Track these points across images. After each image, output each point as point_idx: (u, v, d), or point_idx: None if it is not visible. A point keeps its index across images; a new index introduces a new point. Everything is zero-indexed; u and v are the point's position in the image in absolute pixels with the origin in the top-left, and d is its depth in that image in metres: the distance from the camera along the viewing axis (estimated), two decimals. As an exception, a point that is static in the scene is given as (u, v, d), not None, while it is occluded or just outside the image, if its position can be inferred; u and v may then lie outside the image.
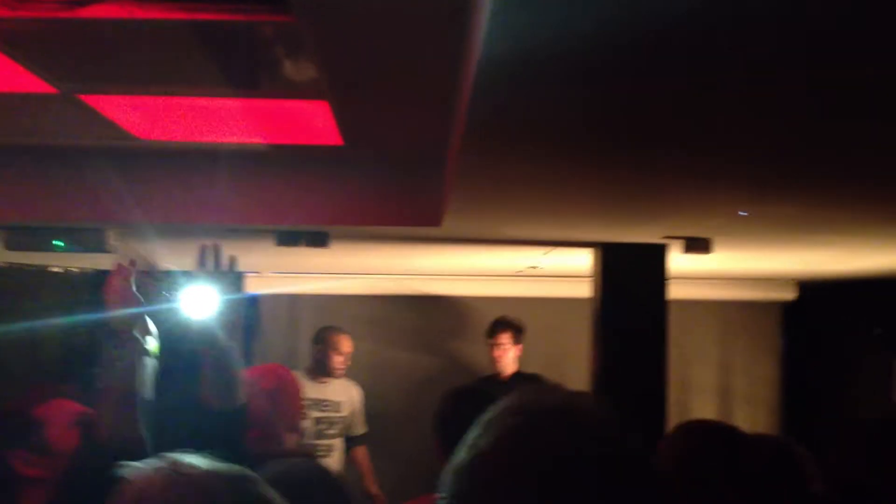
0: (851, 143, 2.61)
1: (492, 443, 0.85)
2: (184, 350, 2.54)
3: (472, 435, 0.87)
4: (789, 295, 6.72)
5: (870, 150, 2.71)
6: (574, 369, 5.78)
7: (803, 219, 3.86)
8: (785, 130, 2.47)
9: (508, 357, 5.39)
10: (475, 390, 3.40)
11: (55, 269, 5.88)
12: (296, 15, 2.13)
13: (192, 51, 2.44)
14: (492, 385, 5.34)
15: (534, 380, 5.39)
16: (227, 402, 2.26)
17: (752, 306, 6.71)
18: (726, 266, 5.57)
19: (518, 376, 5.40)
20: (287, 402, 3.32)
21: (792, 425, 6.63)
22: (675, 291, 6.16)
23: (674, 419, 6.66)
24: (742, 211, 3.51)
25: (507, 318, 5.49)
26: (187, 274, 2.56)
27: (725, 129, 2.47)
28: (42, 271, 5.78)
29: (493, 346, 5.41)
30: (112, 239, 3.95)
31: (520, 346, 5.44)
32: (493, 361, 5.42)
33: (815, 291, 6.71)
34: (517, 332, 5.43)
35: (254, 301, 6.27)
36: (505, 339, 5.38)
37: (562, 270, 5.57)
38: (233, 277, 2.81)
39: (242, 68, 2.66)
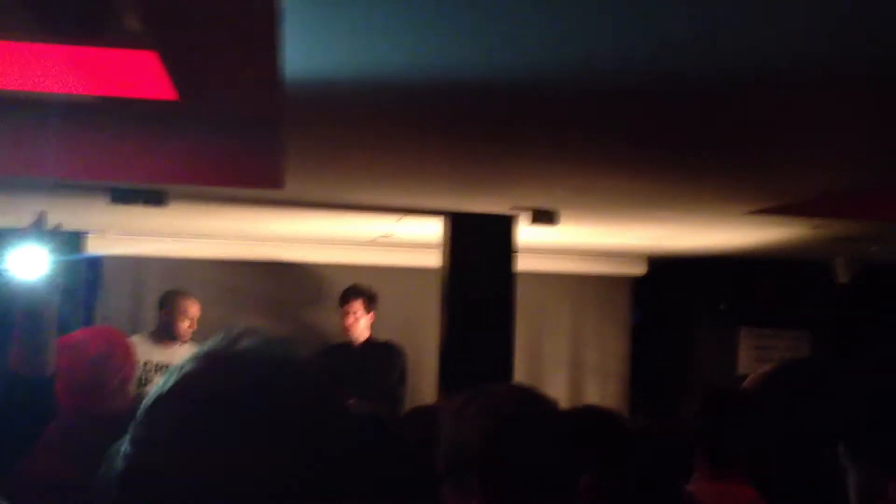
0: (693, 121, 2.66)
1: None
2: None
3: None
4: (640, 270, 6.90)
5: (711, 130, 2.78)
6: (424, 338, 5.79)
7: (647, 194, 3.95)
8: (629, 107, 2.49)
9: (360, 325, 5.36)
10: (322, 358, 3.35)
11: None
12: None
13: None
14: (343, 352, 5.32)
15: (386, 346, 5.40)
16: (35, 369, 2.13)
17: (603, 280, 6.87)
18: (578, 240, 5.69)
19: (370, 343, 5.39)
20: (114, 367, 3.17)
21: (640, 397, 6.85)
22: (529, 264, 6.26)
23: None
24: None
25: (358, 286, 5.45)
26: (12, 233, 2.38)
27: (570, 103, 2.47)
28: None
29: (344, 313, 5.37)
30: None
31: (372, 314, 5.41)
32: (345, 329, 5.38)
33: (664, 268, 6.93)
34: (369, 299, 5.39)
35: (95, 263, 6.00)
36: (357, 306, 5.34)
37: (415, 240, 5.55)
38: (63, 238, 2.62)
39: (66, 13, 2.50)
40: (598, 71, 2.15)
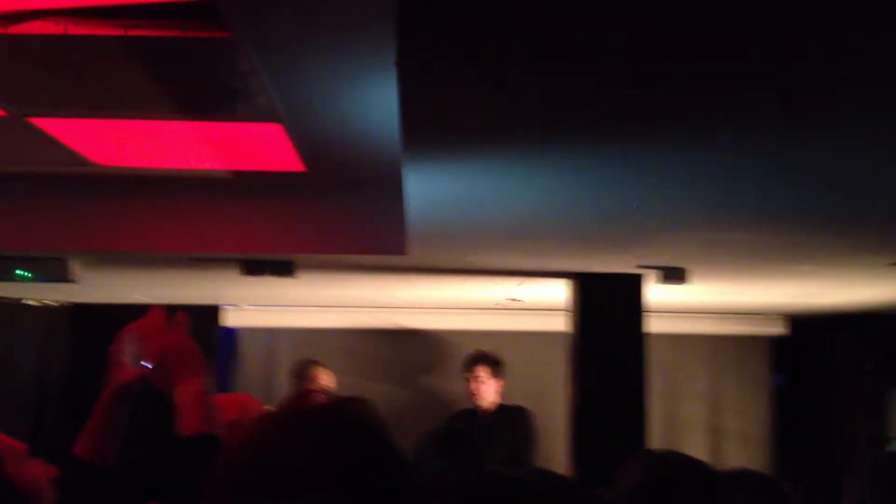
0: (830, 173, 2.54)
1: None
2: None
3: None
4: (780, 329, 6.62)
5: (852, 181, 2.64)
6: (555, 403, 5.67)
7: (781, 248, 3.78)
8: (759, 158, 2.40)
9: (486, 390, 5.30)
10: (449, 430, 3.36)
11: (30, 302, 5.80)
12: (232, 30, 2.09)
13: (139, 72, 2.39)
14: (470, 417, 5.28)
15: (515, 411, 5.31)
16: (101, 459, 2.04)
17: (741, 341, 6.62)
18: (712, 299, 5.49)
19: (502, 409, 5.32)
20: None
21: (784, 463, 6.51)
22: (663, 325, 6.09)
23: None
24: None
25: (483, 352, 5.41)
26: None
27: (694, 157, 2.40)
28: (16, 304, 5.70)
29: (469, 379, 5.34)
30: (76, 268, 3.87)
31: (499, 380, 5.35)
32: (471, 395, 5.33)
33: (804, 326, 6.61)
34: (494, 365, 5.35)
35: (230, 334, 6.19)
36: (480, 371, 5.31)
37: (542, 303, 5.48)
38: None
39: (194, 91, 2.61)
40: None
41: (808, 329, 6.58)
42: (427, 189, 2.87)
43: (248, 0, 1.85)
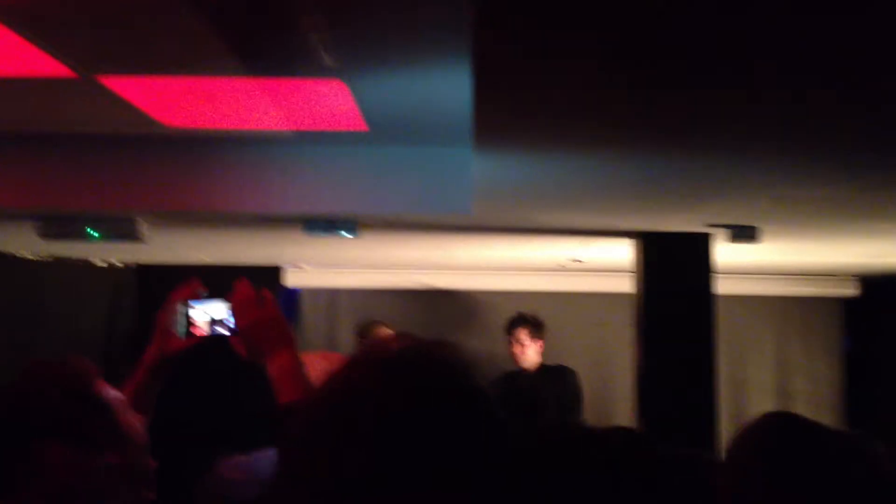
0: None
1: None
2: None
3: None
4: (851, 291, 6.45)
5: None
6: (619, 366, 5.62)
7: (857, 203, 3.65)
8: (827, 106, 2.30)
9: (528, 352, 5.37)
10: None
11: (99, 263, 5.91)
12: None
13: (204, 29, 2.38)
14: (515, 378, 5.34)
15: (559, 370, 5.38)
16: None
17: (811, 303, 6.47)
18: (781, 259, 5.36)
19: (542, 368, 5.39)
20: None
21: (855, 428, 6.37)
22: (729, 286, 5.97)
23: (729, 419, 6.45)
24: None
25: (523, 314, 5.46)
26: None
27: (764, 106, 2.31)
28: (87, 265, 5.81)
29: (512, 342, 5.41)
30: (144, 228, 3.92)
31: (540, 342, 5.41)
32: (513, 357, 5.40)
33: (878, 287, 6.42)
34: (534, 327, 5.40)
35: (293, 294, 6.24)
36: (521, 334, 5.38)
37: (606, 264, 5.41)
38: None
39: (258, 48, 2.59)
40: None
41: (880, 290, 6.39)
42: (494, 152, 2.83)
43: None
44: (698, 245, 4.23)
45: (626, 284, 4.71)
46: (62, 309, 5.64)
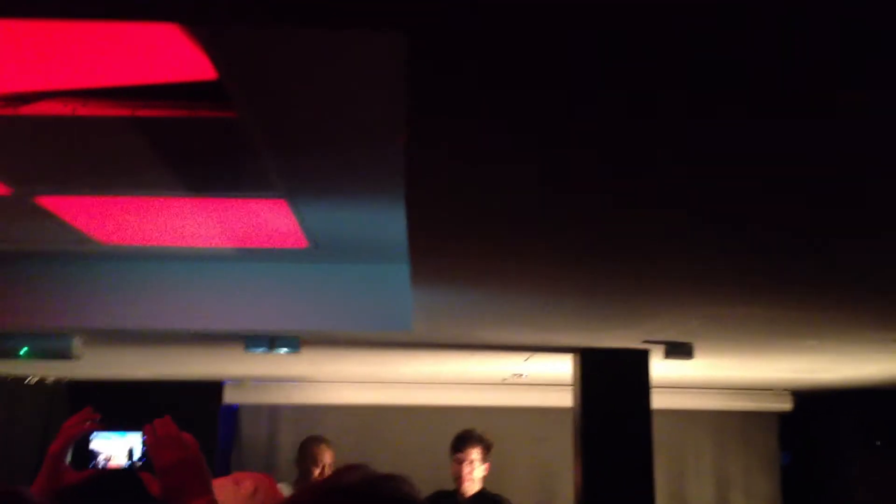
0: (833, 248, 2.53)
1: None
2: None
3: None
4: (786, 405, 6.56)
5: (854, 257, 2.63)
6: (561, 480, 5.58)
7: (787, 322, 3.76)
8: (762, 237, 2.40)
9: (475, 474, 4.79)
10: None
11: (30, 380, 5.76)
12: (237, 111, 2.11)
13: (144, 152, 2.41)
14: (450, 502, 4.85)
15: (496, 501, 4.87)
16: None
17: (748, 417, 6.55)
18: (717, 373, 5.44)
19: (482, 496, 4.85)
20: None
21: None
22: (669, 401, 6.03)
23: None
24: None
25: (475, 433, 4.90)
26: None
27: (698, 234, 2.40)
28: (18, 381, 5.66)
29: (459, 461, 4.82)
30: (78, 346, 3.85)
31: (487, 465, 4.86)
32: (459, 478, 4.82)
33: (811, 402, 6.55)
34: (487, 447, 4.86)
35: (231, 411, 6.13)
36: (474, 453, 4.81)
37: (547, 378, 5.44)
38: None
39: (200, 170, 2.63)
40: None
41: (815, 405, 6.52)
42: (430, 286, 2.87)
43: (253, 84, 1.88)
44: (636, 360, 4.29)
45: (569, 399, 4.73)
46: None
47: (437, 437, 6.16)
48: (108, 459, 1.88)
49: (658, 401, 4.55)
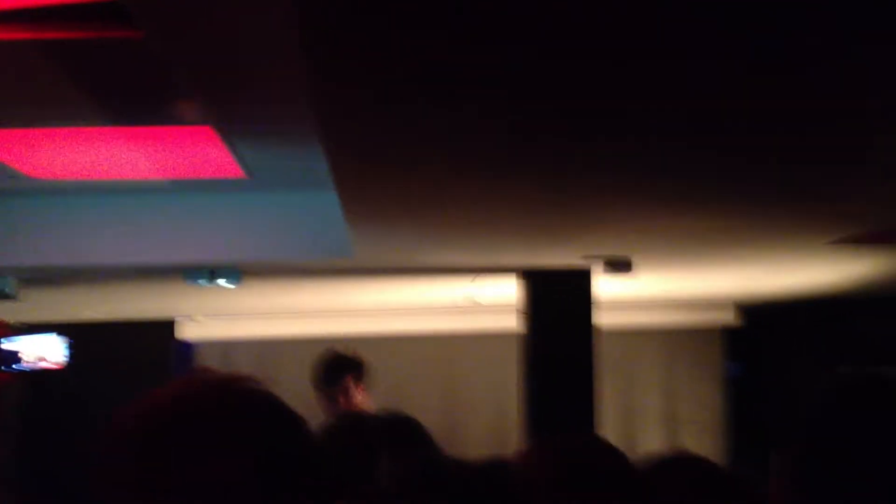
0: (768, 152, 2.55)
1: None
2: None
3: None
4: (732, 319, 6.71)
5: (789, 159, 2.65)
6: (513, 402, 5.67)
7: (722, 231, 3.81)
8: (696, 143, 2.41)
9: (356, 401, 3.88)
10: None
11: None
12: (141, 29, 2.07)
13: (55, 78, 2.37)
14: None
15: None
16: None
17: (694, 332, 6.72)
18: (661, 290, 5.53)
19: None
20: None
21: (739, 450, 6.59)
22: (616, 318, 6.11)
23: (622, 444, 6.54)
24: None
25: (343, 358, 4.02)
26: None
27: (633, 143, 2.40)
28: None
29: (333, 393, 3.88)
30: (14, 285, 3.82)
31: (361, 387, 3.96)
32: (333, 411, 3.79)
33: (756, 315, 6.70)
34: (357, 371, 3.98)
35: (188, 348, 6.13)
36: (347, 382, 3.88)
37: (500, 302, 5.48)
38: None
39: (114, 95, 2.58)
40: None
41: (759, 318, 6.68)
42: (359, 198, 2.86)
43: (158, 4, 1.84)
44: (579, 279, 4.34)
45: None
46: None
47: (395, 365, 6.24)
48: (35, 362, 1.90)
49: (606, 319, 4.62)
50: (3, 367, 1.85)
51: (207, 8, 1.85)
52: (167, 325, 5.98)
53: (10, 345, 1.90)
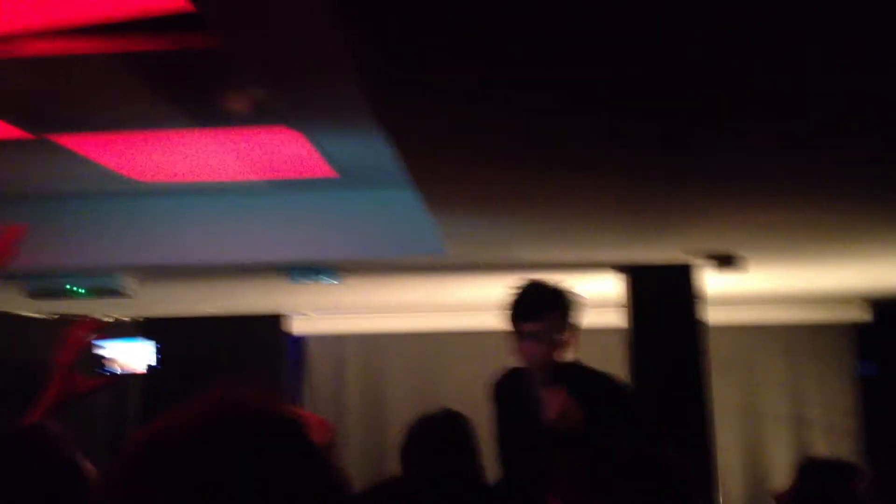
0: (884, 144, 2.36)
1: None
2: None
3: None
4: (863, 315, 6.34)
5: None
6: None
7: (845, 228, 3.59)
8: (812, 131, 2.25)
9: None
10: None
11: (105, 319, 5.98)
12: (220, 40, 2.10)
13: (142, 87, 2.43)
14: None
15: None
16: None
17: (820, 329, 6.37)
18: (782, 285, 5.27)
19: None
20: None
21: (874, 453, 6.22)
22: (736, 315, 5.89)
23: (745, 447, 6.34)
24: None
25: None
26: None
27: (744, 128, 2.26)
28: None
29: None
30: (129, 283, 3.97)
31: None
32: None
33: (890, 311, 6.30)
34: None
35: (299, 342, 6.27)
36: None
37: (600, 299, 5.35)
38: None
39: (201, 101, 2.63)
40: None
41: (893, 314, 6.28)
42: (441, 195, 2.83)
43: (231, 11, 1.85)
44: (683, 275, 4.19)
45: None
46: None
47: (496, 361, 6.19)
48: (122, 367, 1.94)
49: (725, 315, 4.46)
50: (97, 370, 1.89)
51: (281, 11, 1.86)
52: (277, 320, 6.12)
53: (103, 349, 1.95)
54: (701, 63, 1.72)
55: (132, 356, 2.03)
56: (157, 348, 1.96)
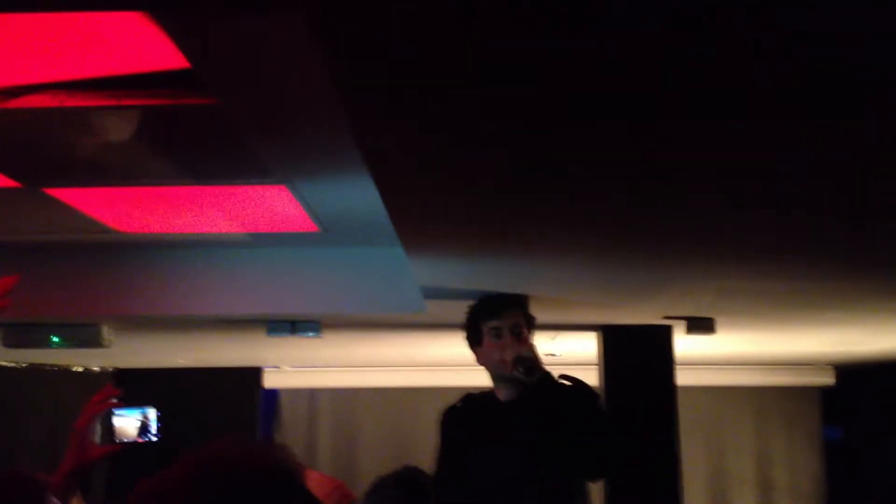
0: (862, 212, 2.45)
1: None
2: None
3: None
4: (827, 379, 6.43)
5: (880, 223, 2.54)
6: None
7: (808, 296, 3.68)
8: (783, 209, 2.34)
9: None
10: None
11: (76, 369, 5.93)
12: (214, 96, 2.16)
13: (138, 140, 2.47)
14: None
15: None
16: None
17: (788, 392, 6.46)
18: (750, 349, 5.36)
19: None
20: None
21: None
22: (705, 377, 5.96)
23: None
24: None
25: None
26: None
27: (706, 207, 2.35)
28: (65, 371, 5.84)
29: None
30: (106, 333, 3.96)
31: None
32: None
33: (857, 375, 6.40)
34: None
35: (272, 395, 6.25)
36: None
37: (576, 358, 5.41)
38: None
39: (192, 156, 2.68)
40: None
41: (856, 378, 6.39)
42: (427, 257, 2.88)
43: (219, 69, 1.92)
44: (658, 336, 4.26)
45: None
46: (42, 414, 5.66)
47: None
48: (126, 435, 1.97)
49: (694, 377, 4.53)
50: (116, 440, 1.91)
51: (272, 73, 1.92)
52: (253, 373, 6.10)
53: (119, 419, 1.96)
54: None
55: (134, 424, 2.03)
56: (158, 416, 1.97)
